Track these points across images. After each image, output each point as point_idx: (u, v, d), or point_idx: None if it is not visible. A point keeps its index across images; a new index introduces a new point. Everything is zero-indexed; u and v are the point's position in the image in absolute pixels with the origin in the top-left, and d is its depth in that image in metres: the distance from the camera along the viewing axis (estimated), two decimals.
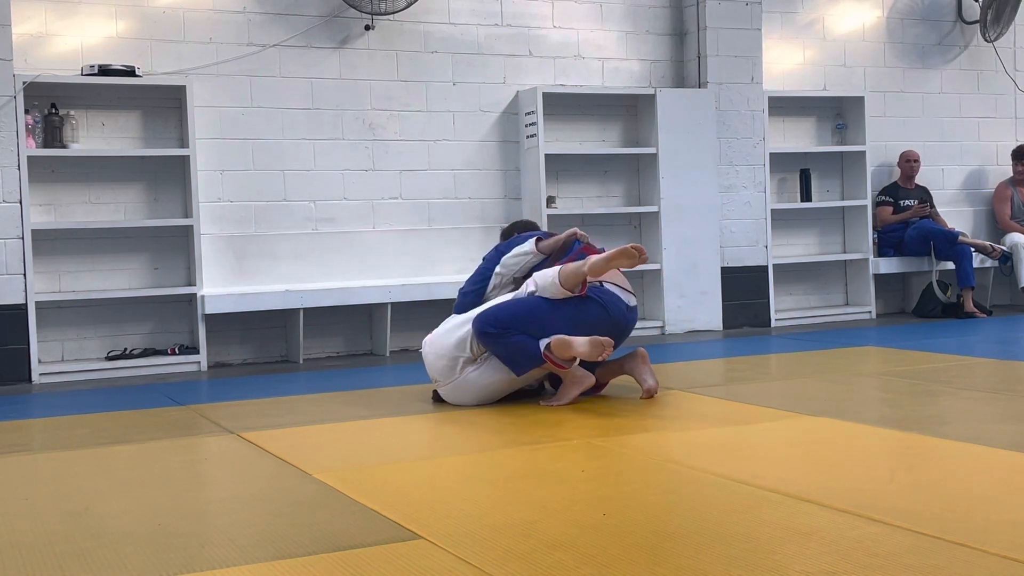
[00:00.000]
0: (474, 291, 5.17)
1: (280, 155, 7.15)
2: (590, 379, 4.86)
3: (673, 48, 8.32)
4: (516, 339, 4.75)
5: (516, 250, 5.17)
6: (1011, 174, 9.29)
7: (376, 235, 7.37)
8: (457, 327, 4.92)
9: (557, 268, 4.83)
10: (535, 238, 5.16)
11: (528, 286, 4.90)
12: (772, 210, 8.38)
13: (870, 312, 8.68)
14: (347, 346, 7.33)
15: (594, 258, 4.76)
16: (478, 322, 4.81)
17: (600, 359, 4.73)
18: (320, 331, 7.15)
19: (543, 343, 4.73)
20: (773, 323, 8.29)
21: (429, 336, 5.04)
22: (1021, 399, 4.77)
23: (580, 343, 4.69)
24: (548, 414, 4.66)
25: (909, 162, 8.85)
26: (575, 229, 5.20)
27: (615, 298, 4.93)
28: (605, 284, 4.94)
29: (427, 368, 4.99)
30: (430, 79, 7.53)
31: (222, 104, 6.99)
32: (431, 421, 4.70)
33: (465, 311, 5.03)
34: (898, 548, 2.61)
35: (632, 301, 5.05)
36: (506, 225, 5.84)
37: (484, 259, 5.30)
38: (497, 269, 5.17)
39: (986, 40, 9.22)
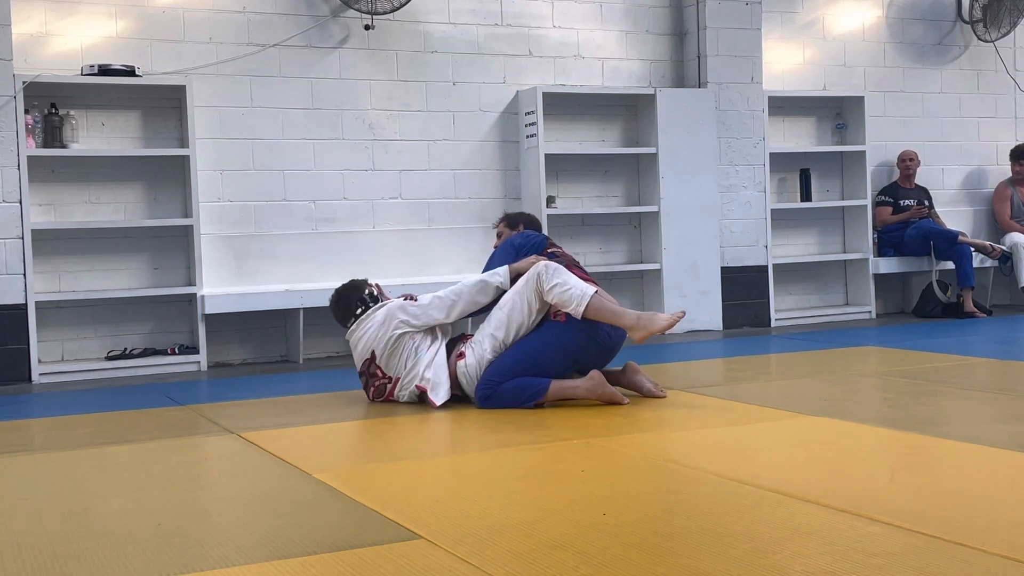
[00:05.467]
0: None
1: (280, 155, 7.15)
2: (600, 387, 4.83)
3: (673, 48, 8.32)
4: (513, 384, 4.75)
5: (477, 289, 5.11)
6: (1010, 174, 9.30)
7: (376, 235, 7.37)
8: (482, 361, 4.90)
9: (587, 301, 4.70)
10: (506, 272, 5.04)
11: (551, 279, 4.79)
12: (772, 210, 8.38)
13: (870, 312, 8.68)
14: (347, 346, 7.30)
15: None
16: (479, 397, 4.83)
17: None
18: (320, 331, 7.14)
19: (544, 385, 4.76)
20: (773, 323, 8.29)
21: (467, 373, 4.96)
22: (1021, 399, 4.77)
23: (580, 389, 4.75)
24: (548, 414, 4.65)
25: (905, 162, 8.86)
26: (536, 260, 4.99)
27: (597, 326, 4.85)
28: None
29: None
30: (430, 79, 7.53)
31: (222, 104, 6.99)
32: (431, 421, 4.70)
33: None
34: (898, 548, 2.61)
35: None
36: (511, 214, 5.65)
37: (492, 260, 5.22)
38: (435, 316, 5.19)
39: (983, 41, 9.21)
